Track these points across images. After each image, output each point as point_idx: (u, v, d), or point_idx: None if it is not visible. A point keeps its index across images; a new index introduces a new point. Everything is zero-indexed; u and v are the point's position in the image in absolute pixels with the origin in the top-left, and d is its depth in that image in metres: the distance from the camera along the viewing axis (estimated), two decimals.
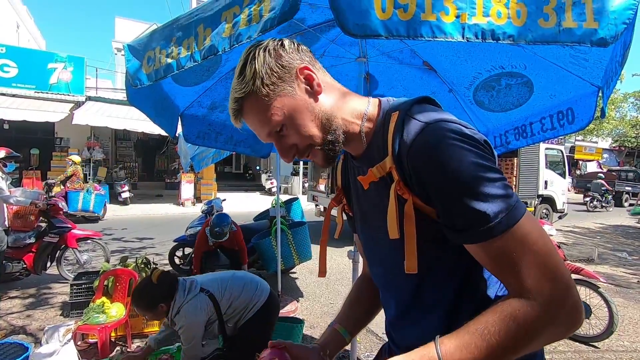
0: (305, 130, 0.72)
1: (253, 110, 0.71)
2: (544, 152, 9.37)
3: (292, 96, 0.70)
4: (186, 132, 2.26)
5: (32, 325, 3.45)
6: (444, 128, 0.63)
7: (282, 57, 0.71)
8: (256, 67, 0.69)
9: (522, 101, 2.08)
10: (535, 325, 0.56)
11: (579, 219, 11.02)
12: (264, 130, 0.73)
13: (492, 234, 0.59)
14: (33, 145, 11.46)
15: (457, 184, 0.60)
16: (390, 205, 0.69)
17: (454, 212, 0.62)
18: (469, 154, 0.60)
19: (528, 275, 0.57)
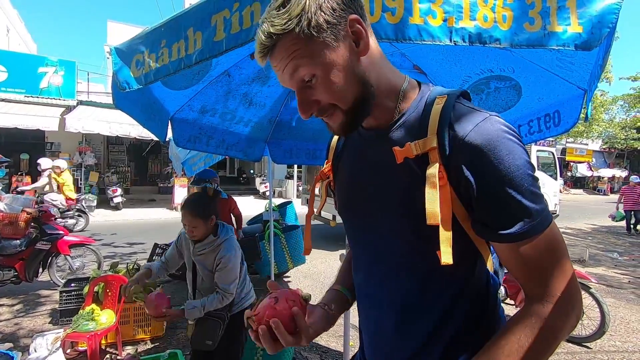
0: (336, 89, 0.64)
1: (287, 51, 0.62)
2: (535, 153, 9.49)
3: (334, 48, 0.62)
4: (176, 136, 2.24)
5: (20, 333, 3.39)
6: (503, 123, 0.63)
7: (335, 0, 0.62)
8: (306, 2, 0.59)
9: (510, 104, 2.10)
10: (563, 331, 0.59)
11: (571, 220, 11.14)
12: (290, 76, 0.65)
13: (531, 234, 0.59)
14: (23, 150, 11.31)
15: (514, 178, 0.59)
16: (431, 188, 0.62)
17: (501, 207, 0.60)
18: (523, 152, 0.61)
19: (552, 279, 0.59)
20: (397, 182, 0.70)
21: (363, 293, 0.83)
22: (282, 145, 2.91)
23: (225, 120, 2.46)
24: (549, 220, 0.60)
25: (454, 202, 0.64)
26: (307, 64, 0.63)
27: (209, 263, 1.93)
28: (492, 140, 0.60)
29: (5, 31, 17.90)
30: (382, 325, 0.77)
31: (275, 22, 0.61)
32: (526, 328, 0.59)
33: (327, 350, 3.21)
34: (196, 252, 1.95)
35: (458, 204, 0.64)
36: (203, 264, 1.95)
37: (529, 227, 0.59)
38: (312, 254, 5.04)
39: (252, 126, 2.64)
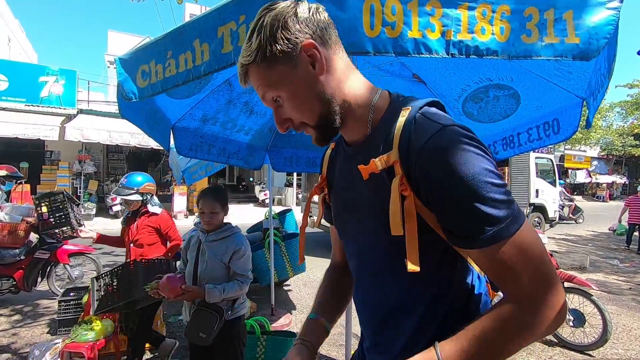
0: (300, 108, 0.72)
1: (255, 77, 0.71)
2: (534, 161, 9.51)
3: (292, 72, 0.69)
4: (178, 144, 2.26)
5: (18, 344, 3.36)
6: (458, 132, 0.64)
7: (290, 29, 0.68)
8: (261, 38, 0.68)
9: (509, 112, 2.12)
10: (530, 330, 0.59)
11: (571, 227, 11.14)
12: (262, 97, 0.74)
13: (496, 240, 0.60)
14: (22, 159, 11.30)
15: (469, 187, 0.60)
16: (394, 200, 0.67)
17: (461, 216, 0.62)
18: (482, 159, 0.61)
19: (524, 280, 0.60)
20: (373, 194, 0.74)
21: (358, 298, 0.89)
22: (283, 153, 2.92)
23: (226, 129, 2.48)
24: (519, 224, 0.61)
25: (423, 210, 0.67)
26: (270, 88, 0.71)
27: (220, 251, 1.98)
28: (444, 151, 0.62)
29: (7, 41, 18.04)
30: (375, 324, 0.83)
31: (243, 54, 0.71)
32: (492, 320, 0.61)
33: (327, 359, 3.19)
34: (209, 239, 2.01)
35: (428, 212, 0.67)
36: (214, 251, 1.99)
37: (492, 233, 0.60)
38: (312, 262, 5.02)
39: (253, 134, 2.66)
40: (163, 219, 2.81)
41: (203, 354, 1.99)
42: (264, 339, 2.56)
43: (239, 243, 2.00)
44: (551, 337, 3.57)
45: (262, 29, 0.68)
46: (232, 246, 1.99)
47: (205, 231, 2.03)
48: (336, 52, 0.73)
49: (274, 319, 3.80)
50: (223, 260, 1.97)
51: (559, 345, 3.48)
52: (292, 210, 5.73)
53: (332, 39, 0.72)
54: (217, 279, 1.96)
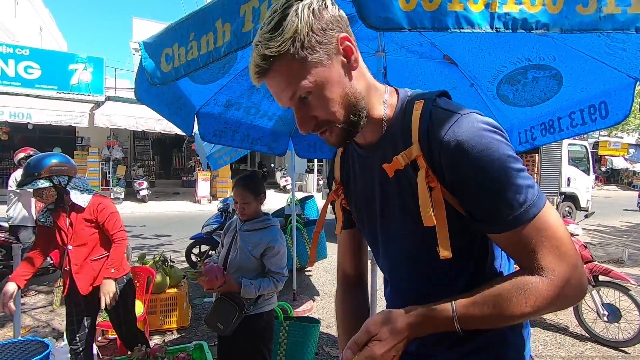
0: (331, 105, 0.68)
1: (283, 73, 0.65)
2: (566, 148, 9.05)
3: (327, 66, 0.66)
4: (202, 130, 2.25)
5: (55, 320, 3.54)
6: (478, 119, 0.64)
7: (326, 20, 0.64)
8: (298, 25, 0.62)
9: (549, 95, 1.98)
10: (542, 300, 0.61)
11: (604, 217, 10.61)
12: (287, 94, 0.67)
13: (518, 223, 0.62)
14: (55, 145, 11.81)
15: (492, 175, 0.61)
16: (422, 192, 0.67)
17: (484, 201, 0.64)
18: (502, 145, 0.62)
19: (544, 258, 0.61)
20: (398, 192, 0.74)
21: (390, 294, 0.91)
22: (306, 139, 2.88)
23: (249, 114, 2.45)
24: (539, 208, 0.62)
25: (449, 197, 0.68)
26: (303, 83, 0.65)
27: (254, 242, 1.89)
28: (464, 140, 0.63)
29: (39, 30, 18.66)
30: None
31: (270, 45, 0.63)
32: (510, 284, 0.63)
33: None
34: (243, 228, 1.94)
35: (454, 199, 0.68)
36: (246, 240, 1.92)
37: (513, 218, 0.62)
38: (334, 248, 4.99)
39: (276, 120, 2.62)
40: (94, 207, 2.12)
41: (228, 342, 1.99)
42: (286, 324, 2.57)
43: (273, 239, 1.88)
44: (582, 331, 3.43)
45: (298, 16, 0.62)
46: (266, 241, 1.88)
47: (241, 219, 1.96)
48: (358, 50, 0.71)
49: (296, 304, 3.84)
50: (253, 253, 1.88)
51: (591, 340, 3.34)
52: (313, 196, 5.72)
53: (354, 38, 0.70)
54: (245, 269, 1.90)
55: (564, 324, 3.70)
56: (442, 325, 0.64)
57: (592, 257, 3.41)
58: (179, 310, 3.41)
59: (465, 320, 0.63)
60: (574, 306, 3.42)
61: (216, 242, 4.85)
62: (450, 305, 0.64)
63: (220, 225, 4.89)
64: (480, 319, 0.63)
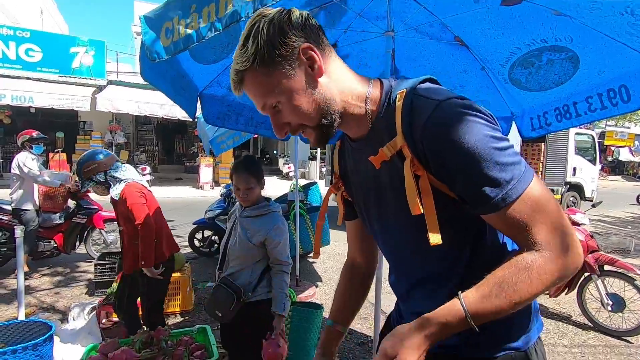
0: (299, 111, 0.72)
1: (253, 84, 0.71)
2: (573, 137, 8.92)
3: (291, 76, 0.70)
4: (206, 113, 2.20)
5: (59, 303, 3.57)
6: (456, 104, 0.65)
7: (287, 33, 0.68)
8: (258, 42, 0.67)
9: (564, 79, 1.90)
10: (546, 274, 0.62)
11: (608, 208, 10.54)
12: (259, 104, 0.74)
13: (507, 202, 0.62)
14: (58, 129, 11.78)
15: (474, 156, 0.62)
16: (408, 182, 0.70)
17: (469, 183, 0.65)
18: (482, 127, 0.63)
19: (538, 233, 0.62)
20: (389, 180, 0.77)
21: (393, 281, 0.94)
22: None
23: None
24: (526, 183, 0.63)
25: (439, 184, 0.70)
26: (270, 94, 0.71)
27: (253, 229, 1.83)
28: (445, 125, 0.64)
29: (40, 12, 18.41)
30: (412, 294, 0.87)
31: (238, 60, 0.70)
32: (512, 267, 0.63)
33: (351, 332, 3.21)
34: (243, 214, 1.88)
35: (443, 185, 0.70)
36: (245, 227, 1.85)
37: (501, 197, 0.62)
38: (336, 236, 5.01)
39: None
40: (122, 198, 2.27)
41: (230, 329, 1.97)
42: (289, 310, 2.57)
43: (274, 227, 1.81)
44: (585, 320, 3.43)
45: (259, 33, 0.68)
46: (266, 229, 1.81)
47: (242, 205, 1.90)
48: (329, 54, 0.74)
49: (299, 290, 3.84)
50: (252, 240, 1.81)
51: (594, 329, 3.34)
52: (317, 183, 5.68)
53: (325, 43, 0.74)
54: (242, 258, 1.85)
55: (566, 313, 3.69)
56: (457, 327, 0.64)
57: (598, 247, 3.37)
58: (182, 294, 3.42)
59: (478, 317, 0.63)
60: (578, 295, 3.41)
61: (219, 227, 4.85)
62: (460, 305, 0.63)
63: (224, 211, 4.89)
64: (492, 311, 0.63)
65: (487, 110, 0.68)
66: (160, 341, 2.01)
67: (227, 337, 2.02)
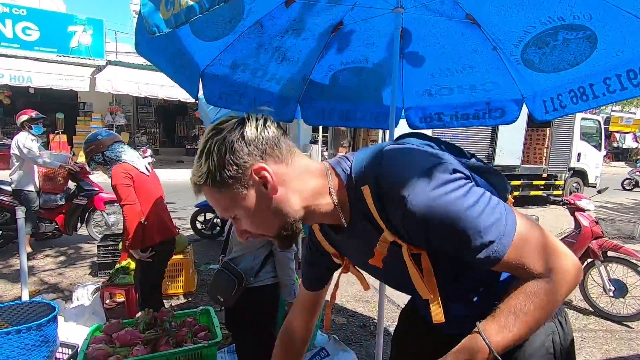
0: (256, 226, 0.74)
1: (209, 198, 0.73)
2: (579, 122, 8.80)
3: (244, 196, 0.70)
4: (207, 92, 2.13)
5: (63, 283, 3.60)
6: (421, 191, 0.65)
7: (238, 154, 0.68)
8: (210, 165, 0.68)
9: (579, 59, 1.83)
10: (555, 295, 0.65)
11: (611, 195, 10.50)
12: (218, 213, 0.76)
13: (498, 258, 0.66)
14: (58, 110, 11.66)
15: (457, 233, 0.64)
16: (411, 271, 0.74)
17: (461, 252, 0.67)
18: (456, 201, 0.64)
19: (535, 266, 0.66)
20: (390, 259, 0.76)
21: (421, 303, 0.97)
22: (315, 105, 2.75)
23: (256, 77, 2.32)
24: (511, 235, 0.65)
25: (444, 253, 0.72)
26: (225, 210, 0.73)
27: None
28: (420, 219, 0.65)
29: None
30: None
31: (194, 173, 0.71)
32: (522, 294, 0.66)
33: (353, 314, 3.23)
34: None
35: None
36: None
37: (491, 257, 0.65)
38: None
39: (284, 84, 2.49)
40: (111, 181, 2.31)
41: (233, 314, 1.96)
42: None
43: None
44: (586, 305, 3.44)
45: (210, 154, 0.68)
46: None
47: None
48: (289, 162, 0.73)
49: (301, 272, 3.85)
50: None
51: (594, 314, 3.36)
52: None
53: (284, 151, 0.72)
54: (243, 244, 1.82)
55: (567, 298, 3.71)
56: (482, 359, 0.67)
57: (603, 233, 3.36)
58: (185, 276, 3.44)
59: (500, 347, 0.65)
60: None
61: None
62: (482, 340, 0.65)
63: None
64: (513, 340, 0.66)
65: (449, 159, 0.70)
66: (164, 322, 2.01)
67: (231, 320, 2.02)
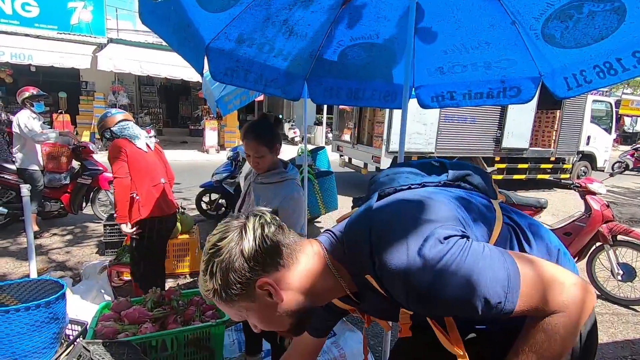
0: (269, 326, 0.77)
1: (219, 306, 0.75)
2: (590, 104, 8.59)
3: (251, 306, 0.73)
4: (213, 68, 2.05)
5: (70, 261, 3.63)
6: (419, 274, 0.65)
7: (240, 272, 0.70)
8: (214, 285, 0.70)
9: (605, 34, 1.73)
10: (574, 327, 0.66)
11: (617, 179, 10.38)
12: (230, 317, 0.80)
13: (510, 312, 0.66)
14: (60, 89, 11.55)
15: (464, 306, 0.66)
16: (436, 332, 0.77)
17: (471, 317, 0.69)
18: (456, 276, 0.64)
19: (552, 305, 0.65)
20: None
21: None
22: (323, 83, 2.66)
23: (263, 52, 2.23)
24: (517, 287, 0.65)
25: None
26: (236, 316, 0.77)
27: (267, 197, 1.73)
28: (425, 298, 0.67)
29: None
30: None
31: (201, 286, 0.74)
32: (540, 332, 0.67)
33: None
34: (258, 180, 1.79)
35: None
36: (259, 194, 1.77)
37: (501, 312, 0.66)
38: (344, 201, 4.97)
39: (292, 60, 2.40)
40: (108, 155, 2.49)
41: None
42: None
43: (287, 198, 1.69)
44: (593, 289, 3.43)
45: (213, 276, 0.70)
46: (279, 198, 1.69)
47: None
48: (290, 264, 0.75)
49: None
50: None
51: (601, 297, 3.34)
52: (325, 147, 5.57)
53: (284, 255, 0.74)
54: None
55: None
56: None
57: (614, 217, 3.30)
58: (191, 256, 3.45)
59: None
60: (588, 264, 3.38)
61: (226, 190, 4.83)
62: None
63: (231, 174, 4.84)
64: None
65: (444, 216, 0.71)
66: (172, 301, 2.01)
67: None
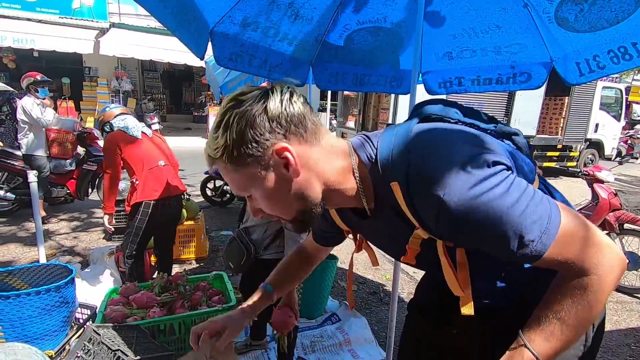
0: (273, 208, 0.69)
1: (223, 173, 0.67)
2: (600, 91, 8.43)
3: (263, 177, 0.64)
4: (217, 53, 2.02)
5: (78, 247, 3.68)
6: (458, 190, 0.59)
7: (260, 130, 0.62)
8: (227, 139, 0.62)
9: (621, 17, 1.67)
10: (602, 293, 0.60)
11: (625, 167, 10.26)
12: (232, 190, 0.70)
13: (540, 254, 0.60)
14: (63, 75, 11.50)
15: (497, 236, 0.60)
16: (444, 267, 0.70)
17: (502, 252, 0.62)
18: (496, 201, 0.58)
19: (583, 261, 0.60)
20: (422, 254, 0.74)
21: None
22: (328, 68, 2.62)
23: (267, 37, 2.19)
24: (555, 229, 0.60)
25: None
26: (240, 188, 0.67)
27: None
28: (457, 222, 0.61)
29: None
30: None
31: (209, 145, 0.65)
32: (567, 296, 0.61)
33: (364, 281, 3.27)
34: None
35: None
36: None
37: (534, 254, 0.60)
38: None
39: (297, 45, 2.35)
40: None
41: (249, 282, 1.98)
42: None
43: None
44: None
45: (228, 127, 0.62)
46: None
47: None
48: (313, 142, 0.67)
49: None
50: None
51: None
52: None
53: (309, 129, 0.66)
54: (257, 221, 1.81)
55: None
56: None
57: (622, 205, 3.28)
58: (197, 242, 3.48)
59: (550, 357, 0.61)
60: None
61: None
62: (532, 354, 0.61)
63: None
64: (562, 347, 0.61)
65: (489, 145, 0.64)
66: (179, 286, 2.04)
67: (244, 285, 2.05)
